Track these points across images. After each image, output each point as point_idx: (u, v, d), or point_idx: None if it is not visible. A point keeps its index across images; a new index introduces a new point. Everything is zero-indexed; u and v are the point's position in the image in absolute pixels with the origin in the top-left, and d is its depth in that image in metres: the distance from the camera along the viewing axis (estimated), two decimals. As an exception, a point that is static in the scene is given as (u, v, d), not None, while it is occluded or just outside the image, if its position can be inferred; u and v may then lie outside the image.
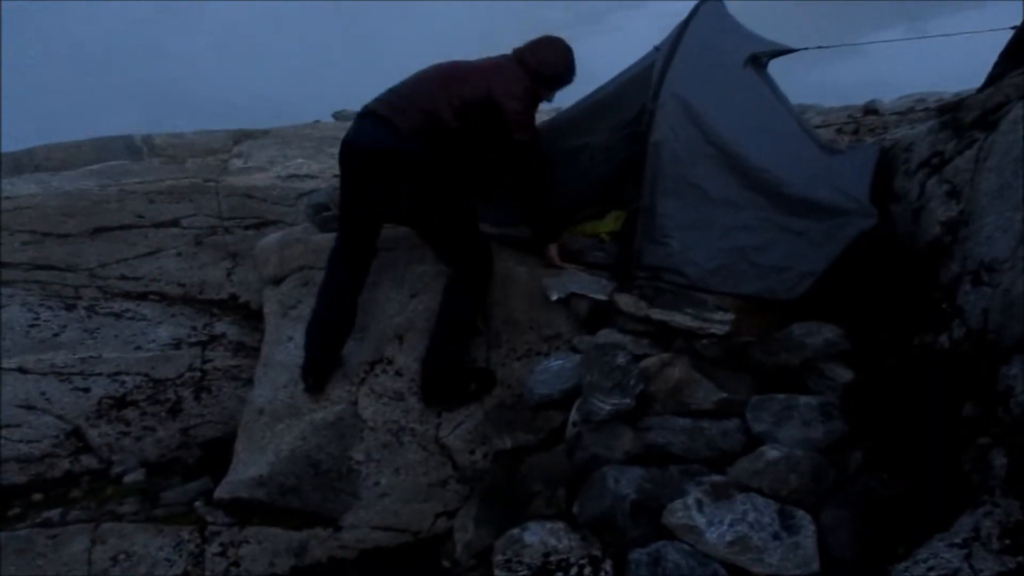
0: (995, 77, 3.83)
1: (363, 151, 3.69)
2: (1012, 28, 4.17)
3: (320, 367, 3.91)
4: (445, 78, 3.78)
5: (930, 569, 2.31)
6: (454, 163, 3.71)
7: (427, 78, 3.82)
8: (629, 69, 4.16)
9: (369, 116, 3.74)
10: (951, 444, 2.64)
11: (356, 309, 3.94)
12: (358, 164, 3.74)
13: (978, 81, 4.18)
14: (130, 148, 7.17)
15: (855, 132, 5.69)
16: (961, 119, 3.43)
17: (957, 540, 2.35)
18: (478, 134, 3.73)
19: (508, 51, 3.97)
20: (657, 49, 4.06)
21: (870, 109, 6.45)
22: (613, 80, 4.19)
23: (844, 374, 3.15)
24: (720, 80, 3.97)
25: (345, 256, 3.93)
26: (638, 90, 3.91)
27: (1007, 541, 2.25)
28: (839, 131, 5.78)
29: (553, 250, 4.04)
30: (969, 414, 2.63)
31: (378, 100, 3.79)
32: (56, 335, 4.69)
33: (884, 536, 2.54)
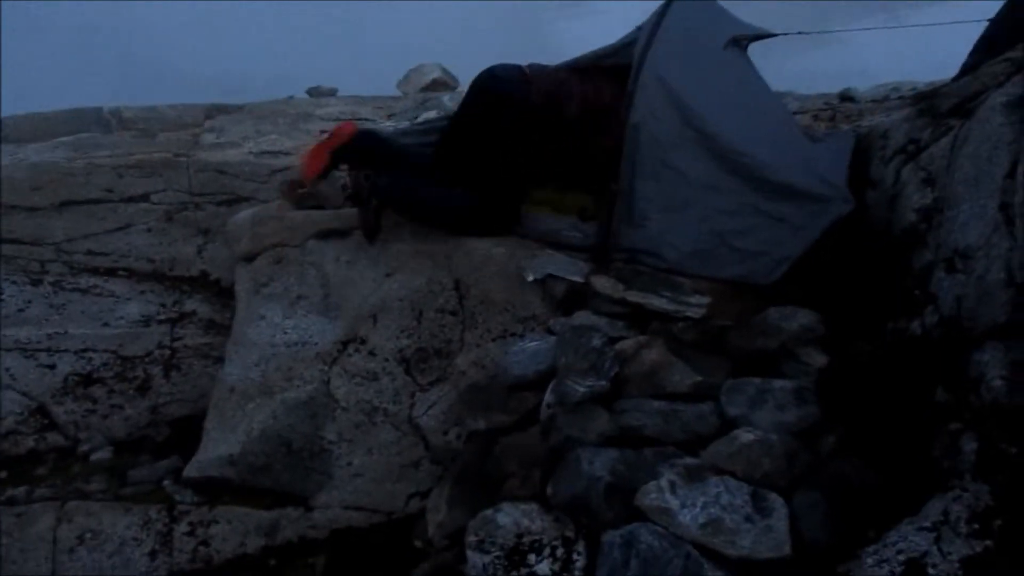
0: (970, 67, 3.85)
1: None
2: (986, 20, 4.22)
3: None
4: None
5: (899, 552, 2.34)
6: None
7: None
8: (609, 46, 4.14)
9: None
10: (922, 429, 2.66)
11: None
12: None
13: (951, 72, 4.22)
14: (100, 121, 7.01)
15: (831, 119, 5.69)
16: (937, 107, 3.44)
17: (926, 524, 2.38)
18: None
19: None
20: (639, 29, 4.04)
21: (846, 96, 6.47)
22: (589, 54, 4.19)
23: (819, 359, 3.16)
24: (701, 62, 3.95)
25: None
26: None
27: (975, 525, 2.28)
28: (815, 118, 5.78)
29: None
30: (941, 400, 2.66)
31: None
32: (21, 310, 4.60)
33: (855, 520, 2.56)
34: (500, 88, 3.99)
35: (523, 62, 4.13)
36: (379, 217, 4.10)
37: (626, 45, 4.06)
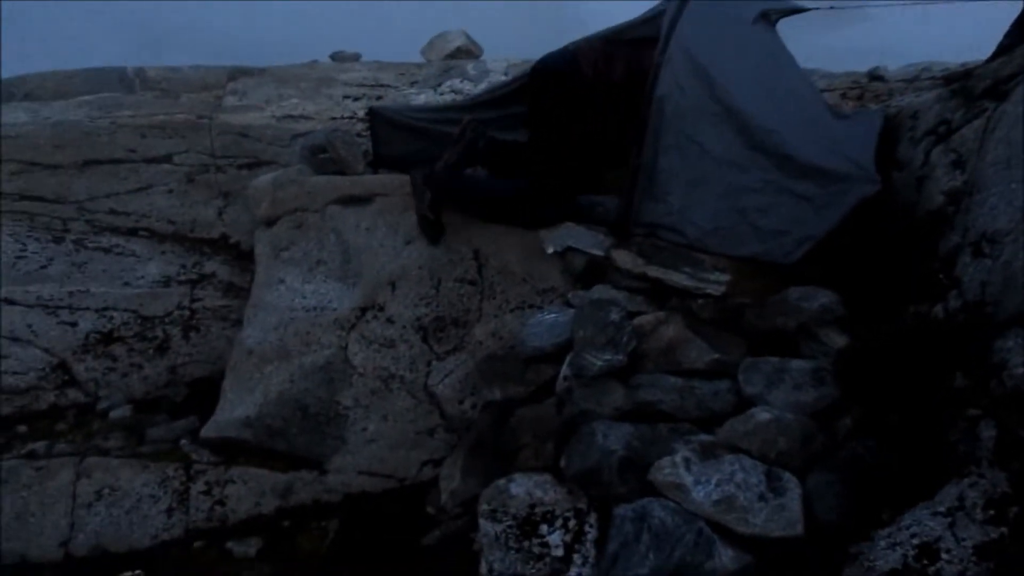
0: (1006, 48, 3.77)
1: None
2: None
3: None
4: None
5: (913, 536, 2.33)
6: None
7: None
8: (637, 18, 4.09)
9: None
10: (940, 414, 2.64)
11: None
12: None
13: (983, 53, 4.11)
14: (123, 80, 7.02)
15: (859, 98, 5.61)
16: (971, 88, 3.38)
17: (941, 509, 2.37)
18: None
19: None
20: (667, 0, 3.98)
21: (875, 76, 6.36)
22: (617, 26, 4.14)
23: (838, 340, 3.14)
24: (729, 37, 3.89)
25: None
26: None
27: (991, 512, 2.27)
28: (843, 96, 5.70)
29: None
30: (960, 385, 2.63)
31: None
32: (43, 267, 4.64)
33: (869, 502, 2.56)
34: (550, 67, 4.04)
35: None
36: (438, 213, 4.00)
37: (654, 17, 4.01)
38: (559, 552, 2.68)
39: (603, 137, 3.97)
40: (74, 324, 4.38)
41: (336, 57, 7.96)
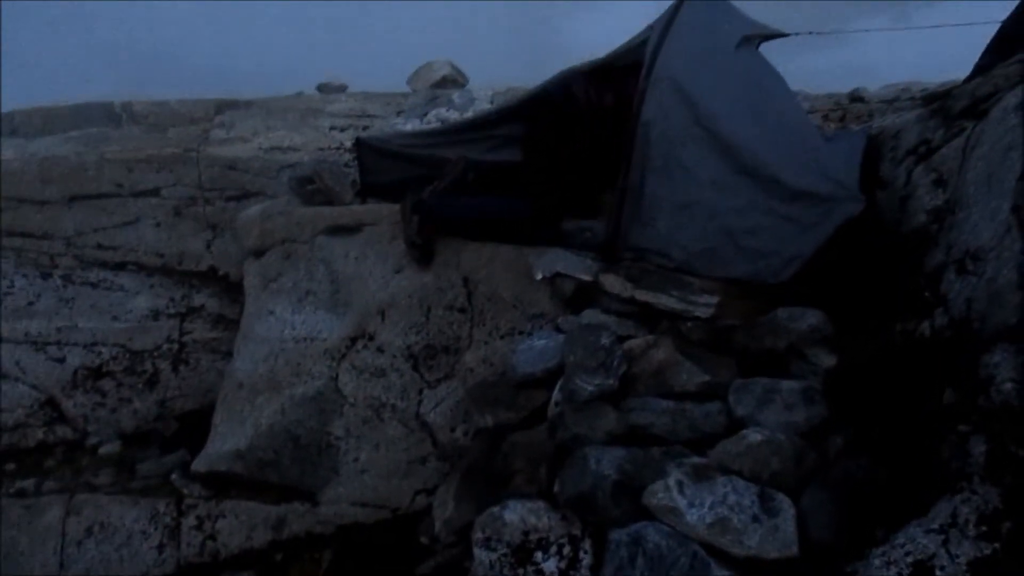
0: (983, 68, 3.83)
1: None
2: (998, 21, 4.19)
3: None
4: None
5: (907, 554, 2.33)
6: None
7: None
8: (621, 47, 4.14)
9: None
10: (930, 431, 2.65)
11: None
12: None
13: (962, 72, 4.19)
14: (110, 115, 7.03)
15: (841, 119, 5.69)
16: (950, 108, 3.43)
17: (934, 526, 2.37)
18: None
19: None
20: (650, 28, 4.03)
21: (856, 97, 6.45)
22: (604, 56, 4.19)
23: (827, 359, 3.16)
24: (712, 62, 3.94)
25: None
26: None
27: (984, 528, 2.27)
28: (825, 118, 5.78)
29: None
30: (949, 401, 2.65)
31: None
32: (31, 303, 4.62)
33: (863, 520, 2.55)
34: (545, 94, 4.18)
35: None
36: (427, 238, 4.01)
37: (638, 44, 4.05)
38: (554, 579, 2.66)
39: (596, 160, 4.01)
40: (62, 360, 4.36)
41: (323, 88, 8.01)
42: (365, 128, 6.42)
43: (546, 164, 4.05)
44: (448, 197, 4.07)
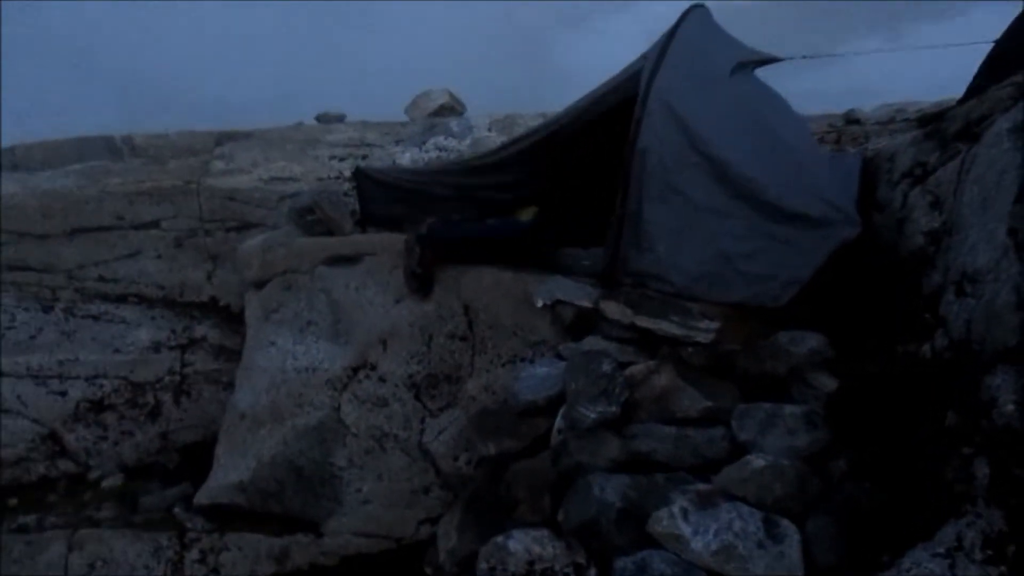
0: (976, 89, 3.86)
1: None
2: (991, 42, 4.22)
3: None
4: None
5: (914, 578, 2.32)
6: None
7: None
8: (615, 77, 4.18)
9: None
10: (934, 453, 2.65)
11: None
12: None
13: (957, 90, 4.23)
14: (111, 148, 7.07)
15: (836, 141, 5.73)
16: (945, 130, 3.45)
17: (940, 550, 2.36)
18: None
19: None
20: (644, 57, 4.07)
21: (852, 119, 6.49)
22: (599, 88, 4.22)
23: (828, 383, 3.16)
24: (707, 88, 3.98)
25: None
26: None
27: (989, 551, 2.27)
28: (821, 140, 5.81)
29: None
30: (951, 423, 2.65)
31: None
32: (32, 337, 4.63)
33: (868, 544, 2.55)
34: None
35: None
36: (428, 268, 4.02)
37: (630, 77, 4.08)
38: (560, 609, 2.65)
39: (595, 186, 4.08)
40: (64, 393, 4.36)
41: (321, 118, 8.05)
42: (364, 157, 6.45)
43: (567, 191, 4.18)
44: (449, 222, 4.11)
